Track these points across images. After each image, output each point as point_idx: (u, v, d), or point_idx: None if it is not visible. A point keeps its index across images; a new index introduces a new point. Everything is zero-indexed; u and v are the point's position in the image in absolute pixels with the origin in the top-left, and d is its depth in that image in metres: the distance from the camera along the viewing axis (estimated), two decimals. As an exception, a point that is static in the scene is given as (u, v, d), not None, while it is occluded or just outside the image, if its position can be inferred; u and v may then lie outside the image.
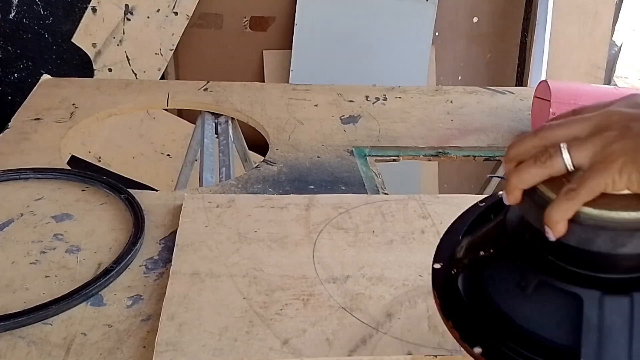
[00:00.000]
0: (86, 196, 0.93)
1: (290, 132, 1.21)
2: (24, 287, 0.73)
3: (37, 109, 1.22)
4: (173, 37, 2.34)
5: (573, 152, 0.47)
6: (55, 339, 0.66)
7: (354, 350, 0.65)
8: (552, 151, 0.48)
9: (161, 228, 0.86)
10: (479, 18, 2.62)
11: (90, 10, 2.30)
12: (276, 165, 1.08)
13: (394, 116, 1.31)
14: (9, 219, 0.86)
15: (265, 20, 2.47)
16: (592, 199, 0.46)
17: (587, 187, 0.46)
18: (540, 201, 0.49)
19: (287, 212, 0.88)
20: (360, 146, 1.17)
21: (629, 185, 0.45)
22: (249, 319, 0.68)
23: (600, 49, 2.61)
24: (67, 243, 0.81)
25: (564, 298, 0.50)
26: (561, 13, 2.53)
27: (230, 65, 2.50)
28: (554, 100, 1.24)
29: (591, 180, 0.45)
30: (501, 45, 2.69)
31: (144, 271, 0.77)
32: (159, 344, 0.64)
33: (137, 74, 2.36)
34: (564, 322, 0.50)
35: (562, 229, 0.47)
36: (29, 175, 0.96)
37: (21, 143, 1.08)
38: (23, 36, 2.40)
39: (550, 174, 0.48)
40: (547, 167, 0.48)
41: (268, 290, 0.73)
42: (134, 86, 1.37)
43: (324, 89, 1.43)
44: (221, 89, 1.38)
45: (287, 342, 0.65)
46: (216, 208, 0.88)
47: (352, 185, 1.03)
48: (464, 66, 2.70)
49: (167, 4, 2.31)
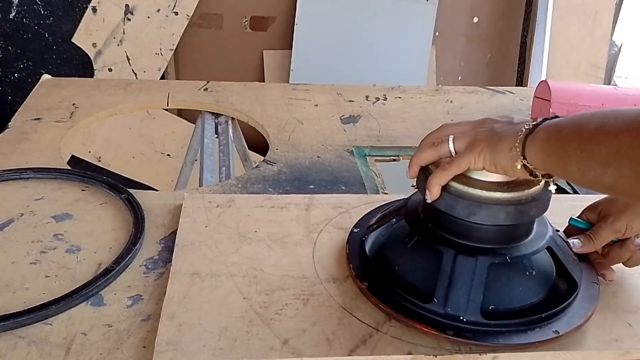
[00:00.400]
0: (86, 196, 0.93)
1: (290, 132, 1.21)
2: (24, 286, 0.73)
3: (37, 108, 1.22)
4: (173, 37, 2.35)
5: (455, 142, 0.67)
6: (55, 339, 0.66)
7: (354, 350, 0.65)
8: (443, 139, 0.68)
9: (161, 228, 0.86)
10: (479, 18, 2.62)
11: (90, 10, 2.31)
12: (276, 165, 1.08)
13: (394, 116, 1.31)
14: (9, 218, 0.86)
15: (265, 20, 2.47)
16: (459, 177, 0.66)
17: (457, 163, 0.65)
18: (427, 174, 0.68)
19: (287, 212, 0.88)
20: (360, 146, 1.17)
21: (484, 164, 0.64)
22: (249, 319, 0.68)
23: (600, 49, 2.61)
24: (67, 243, 0.81)
25: (431, 253, 0.69)
26: (561, 13, 2.53)
27: (230, 65, 2.51)
28: (554, 100, 1.24)
29: (460, 158, 0.65)
30: (501, 45, 2.69)
31: (144, 271, 0.77)
32: (159, 344, 0.64)
33: (137, 74, 2.36)
34: (428, 270, 0.68)
35: (436, 193, 0.67)
36: (29, 175, 0.96)
37: (21, 143, 1.08)
38: (23, 36, 2.40)
39: (440, 155, 0.68)
40: (437, 151, 0.68)
41: (268, 290, 0.73)
42: (134, 86, 1.37)
43: (324, 88, 1.43)
44: (221, 89, 1.38)
45: (287, 342, 0.65)
46: (216, 208, 0.88)
47: (352, 185, 1.03)
48: (464, 66, 2.70)
49: (167, 4, 2.31)
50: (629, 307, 0.74)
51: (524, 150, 0.61)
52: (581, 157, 0.56)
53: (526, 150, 0.61)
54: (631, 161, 0.51)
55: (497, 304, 0.67)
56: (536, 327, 0.66)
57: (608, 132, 0.54)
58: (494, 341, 0.65)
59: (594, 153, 0.54)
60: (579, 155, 0.56)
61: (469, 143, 0.66)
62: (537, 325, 0.66)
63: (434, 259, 0.68)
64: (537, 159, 0.61)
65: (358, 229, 0.82)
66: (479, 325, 0.65)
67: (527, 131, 0.62)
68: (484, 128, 0.67)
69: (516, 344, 0.65)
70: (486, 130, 0.66)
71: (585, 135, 0.56)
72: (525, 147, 0.61)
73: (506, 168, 0.63)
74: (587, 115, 0.58)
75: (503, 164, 0.63)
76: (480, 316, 0.65)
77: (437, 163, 0.69)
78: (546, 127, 0.61)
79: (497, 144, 0.63)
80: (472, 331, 0.65)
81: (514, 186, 0.66)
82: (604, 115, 0.56)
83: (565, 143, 0.58)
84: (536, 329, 0.66)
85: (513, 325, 0.66)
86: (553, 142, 0.59)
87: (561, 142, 0.58)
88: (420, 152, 0.70)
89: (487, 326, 0.65)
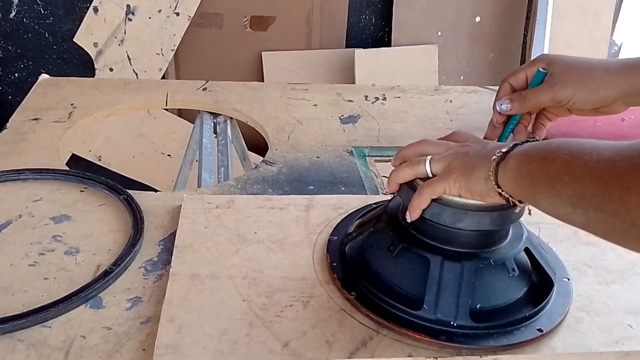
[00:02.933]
0: (85, 197, 0.92)
1: (290, 132, 1.20)
2: (23, 289, 0.73)
3: (36, 108, 1.22)
4: (174, 38, 2.34)
5: (432, 164, 0.68)
6: (54, 342, 0.66)
7: (354, 353, 0.65)
8: (421, 160, 0.68)
9: (160, 229, 0.86)
10: (481, 18, 2.61)
11: (91, 10, 2.30)
12: (275, 166, 1.08)
13: (394, 116, 1.31)
14: (7, 220, 0.86)
15: (265, 20, 2.47)
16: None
17: (432, 189, 0.66)
18: (412, 187, 0.69)
19: (286, 213, 0.88)
20: (359, 146, 1.17)
21: (460, 191, 0.65)
22: (249, 321, 0.68)
23: (600, 49, 2.61)
24: (65, 244, 0.81)
25: (417, 260, 0.70)
26: (561, 12, 2.53)
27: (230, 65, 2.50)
28: (554, 100, 1.24)
29: (435, 184, 0.66)
30: (503, 45, 2.68)
31: (143, 273, 0.77)
32: (159, 347, 0.64)
33: (138, 74, 2.36)
34: (415, 277, 0.69)
35: (416, 215, 0.68)
36: (28, 176, 0.96)
37: (19, 143, 1.08)
38: (23, 36, 2.40)
39: (417, 175, 0.69)
40: (414, 170, 0.69)
41: (268, 292, 0.73)
42: (132, 86, 1.36)
43: (323, 88, 1.43)
44: (220, 89, 1.38)
45: (287, 345, 0.65)
46: (215, 209, 0.87)
47: (351, 185, 1.03)
48: (466, 66, 2.69)
49: (168, 5, 2.31)
50: (629, 308, 0.74)
51: (497, 178, 0.61)
52: (550, 194, 0.55)
53: (499, 179, 0.61)
54: (595, 208, 0.50)
55: (484, 305, 0.69)
56: (521, 326, 0.68)
57: (573, 174, 0.52)
58: (485, 344, 0.66)
59: (561, 193, 0.54)
60: (548, 192, 0.55)
61: (444, 168, 0.66)
62: (522, 324, 0.68)
63: (421, 266, 0.69)
64: (509, 188, 0.60)
65: (335, 236, 0.82)
66: (469, 328, 0.67)
67: (499, 158, 0.61)
68: (460, 153, 0.67)
69: (505, 345, 0.66)
70: (461, 156, 0.66)
71: (552, 173, 0.55)
72: (498, 176, 0.61)
73: (482, 195, 0.64)
74: (553, 147, 0.56)
75: (479, 191, 0.63)
76: (470, 320, 0.67)
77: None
78: (516, 157, 0.60)
79: (472, 173, 0.63)
80: (463, 335, 0.66)
81: None
82: (568, 151, 0.54)
83: (534, 177, 0.57)
84: (522, 329, 0.68)
85: (500, 327, 0.68)
86: (523, 174, 0.58)
87: (531, 175, 0.58)
88: (399, 170, 0.71)
89: (477, 329, 0.67)
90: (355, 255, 0.76)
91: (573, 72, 0.70)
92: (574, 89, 0.69)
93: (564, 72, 0.70)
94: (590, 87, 0.69)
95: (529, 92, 0.71)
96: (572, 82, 0.69)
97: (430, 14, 2.54)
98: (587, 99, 0.69)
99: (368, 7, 2.60)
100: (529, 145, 0.60)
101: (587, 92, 0.69)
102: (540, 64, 0.73)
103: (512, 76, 0.76)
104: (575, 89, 0.69)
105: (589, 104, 0.70)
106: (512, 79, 0.76)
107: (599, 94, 0.69)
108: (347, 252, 0.77)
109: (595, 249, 0.85)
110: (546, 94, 0.70)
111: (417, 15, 2.53)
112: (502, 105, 0.71)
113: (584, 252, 0.84)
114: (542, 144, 0.59)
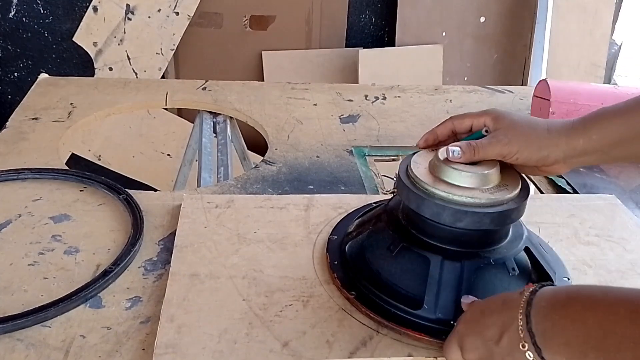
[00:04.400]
0: (84, 196, 0.92)
1: (290, 132, 1.20)
2: (22, 289, 0.73)
3: (35, 108, 1.22)
4: (174, 37, 2.34)
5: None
6: (54, 342, 0.65)
7: (354, 352, 0.65)
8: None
9: (160, 229, 0.86)
10: (486, 18, 2.61)
11: (91, 9, 2.30)
12: (275, 165, 1.07)
13: (394, 115, 1.31)
14: (6, 219, 0.85)
15: (265, 19, 2.46)
16: (443, 184, 0.67)
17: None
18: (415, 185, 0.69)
19: (286, 213, 0.88)
20: (359, 146, 1.17)
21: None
22: (249, 321, 0.68)
23: (600, 48, 2.60)
24: (65, 244, 0.81)
25: (417, 259, 0.70)
26: (561, 11, 2.53)
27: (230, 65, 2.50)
28: (553, 100, 1.24)
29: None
30: (508, 45, 2.67)
31: (142, 272, 0.77)
32: (158, 347, 0.64)
33: (138, 74, 2.36)
34: (415, 277, 0.69)
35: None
36: (27, 176, 0.96)
37: (19, 143, 1.08)
38: (23, 35, 2.39)
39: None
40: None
41: (268, 291, 0.73)
42: (132, 85, 1.36)
43: (323, 87, 1.43)
44: (220, 88, 1.38)
45: (287, 344, 0.65)
46: (215, 208, 0.87)
47: (351, 185, 1.03)
48: (470, 66, 2.68)
49: (168, 4, 2.30)
50: (630, 308, 0.73)
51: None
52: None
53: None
54: None
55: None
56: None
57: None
58: None
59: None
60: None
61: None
62: None
63: (421, 265, 0.69)
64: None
65: (335, 236, 0.82)
66: None
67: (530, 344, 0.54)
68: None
69: None
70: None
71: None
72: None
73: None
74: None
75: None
76: None
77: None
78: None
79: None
80: None
81: (495, 190, 0.68)
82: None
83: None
84: None
85: None
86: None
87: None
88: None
89: None
90: (355, 255, 0.76)
91: (517, 129, 0.72)
92: (519, 146, 0.71)
93: (510, 129, 0.72)
94: (532, 147, 0.70)
95: (479, 145, 0.72)
96: (518, 140, 0.71)
97: (435, 14, 2.54)
98: (529, 157, 0.71)
99: (368, 7, 2.60)
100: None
101: (529, 151, 0.70)
102: (487, 118, 0.74)
103: (458, 119, 0.77)
104: (520, 147, 0.71)
105: (531, 161, 0.71)
106: (457, 122, 0.77)
107: (540, 153, 0.70)
108: (347, 252, 0.77)
109: (595, 249, 0.85)
110: (494, 148, 0.71)
111: (422, 15, 2.53)
112: (455, 152, 0.72)
113: (584, 251, 0.84)
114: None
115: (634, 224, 0.91)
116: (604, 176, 1.11)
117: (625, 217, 0.93)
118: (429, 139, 0.77)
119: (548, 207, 0.94)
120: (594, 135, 0.69)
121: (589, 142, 0.69)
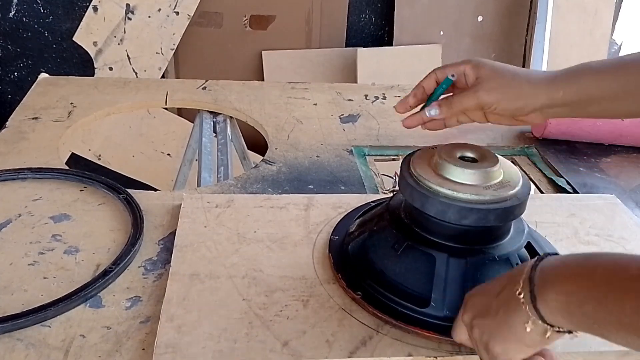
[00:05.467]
0: (84, 196, 0.92)
1: (290, 131, 1.20)
2: (22, 288, 0.73)
3: (35, 107, 1.22)
4: (174, 37, 2.34)
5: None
6: (54, 341, 0.65)
7: (354, 352, 0.65)
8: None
9: (160, 228, 0.86)
10: (483, 17, 2.61)
11: (91, 9, 2.30)
12: (275, 165, 1.07)
13: (393, 115, 1.31)
14: (6, 219, 0.85)
15: (265, 19, 2.46)
16: (447, 182, 0.67)
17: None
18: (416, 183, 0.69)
19: (286, 212, 0.88)
20: (359, 145, 1.17)
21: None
22: (249, 321, 0.68)
23: (600, 48, 2.60)
24: (65, 244, 0.81)
25: (423, 258, 0.70)
26: (561, 11, 2.53)
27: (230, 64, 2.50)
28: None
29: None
30: (506, 44, 2.67)
31: (142, 272, 0.77)
32: (158, 346, 0.64)
33: (138, 73, 2.36)
34: (421, 275, 0.69)
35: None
36: (27, 175, 0.96)
37: (19, 142, 1.08)
38: (23, 35, 2.39)
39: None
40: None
41: (267, 291, 0.73)
42: (132, 85, 1.36)
43: (323, 87, 1.43)
44: (220, 88, 1.38)
45: (287, 344, 0.65)
46: (215, 208, 0.87)
47: (351, 184, 1.03)
48: (467, 66, 2.68)
49: (168, 4, 2.30)
50: (630, 308, 0.73)
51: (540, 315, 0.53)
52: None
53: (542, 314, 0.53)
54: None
55: None
56: None
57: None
58: None
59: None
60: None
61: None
62: None
63: (426, 263, 0.69)
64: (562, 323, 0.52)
65: (337, 236, 0.82)
66: None
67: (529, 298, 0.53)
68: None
69: None
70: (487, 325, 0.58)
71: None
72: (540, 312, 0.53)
73: (533, 342, 0.55)
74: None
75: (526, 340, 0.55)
76: None
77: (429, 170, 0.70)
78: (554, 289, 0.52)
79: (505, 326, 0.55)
80: None
81: (498, 187, 0.68)
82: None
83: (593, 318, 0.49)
84: None
85: None
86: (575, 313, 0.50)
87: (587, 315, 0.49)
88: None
89: None
90: (358, 255, 0.76)
91: (497, 78, 0.71)
92: (497, 97, 0.70)
93: (490, 78, 0.71)
94: (510, 95, 0.70)
95: (455, 98, 0.72)
96: (497, 90, 0.71)
97: (432, 13, 2.54)
98: (506, 106, 0.71)
99: (368, 6, 2.60)
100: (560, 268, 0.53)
101: (507, 100, 0.70)
102: (467, 67, 0.74)
103: (440, 70, 0.77)
104: (499, 97, 0.70)
105: (508, 111, 0.71)
106: (439, 73, 0.77)
107: (518, 103, 0.70)
108: (350, 252, 0.77)
109: (595, 249, 0.85)
110: (471, 99, 0.71)
111: (419, 15, 2.53)
112: (432, 110, 0.73)
113: (584, 251, 0.84)
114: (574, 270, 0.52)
115: (634, 224, 0.91)
116: (604, 176, 1.11)
117: (625, 216, 0.93)
118: (417, 93, 0.78)
119: (548, 206, 0.94)
120: (574, 88, 0.69)
121: (568, 95, 0.69)
